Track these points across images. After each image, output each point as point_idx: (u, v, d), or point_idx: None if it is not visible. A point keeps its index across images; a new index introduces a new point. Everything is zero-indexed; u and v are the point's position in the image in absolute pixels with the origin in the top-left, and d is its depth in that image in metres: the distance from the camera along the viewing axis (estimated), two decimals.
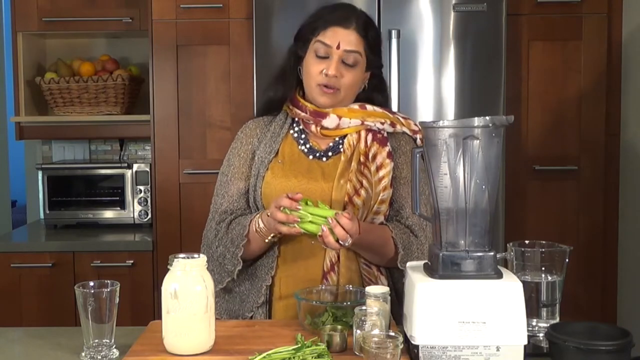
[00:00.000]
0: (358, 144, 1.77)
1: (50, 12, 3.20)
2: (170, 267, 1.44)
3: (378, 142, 1.78)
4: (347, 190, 1.73)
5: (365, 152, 1.77)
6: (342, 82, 1.75)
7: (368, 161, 1.76)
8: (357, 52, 1.75)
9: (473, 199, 1.38)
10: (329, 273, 1.72)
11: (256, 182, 1.78)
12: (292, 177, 1.76)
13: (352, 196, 1.72)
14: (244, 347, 1.44)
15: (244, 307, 1.77)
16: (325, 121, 1.78)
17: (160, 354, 1.43)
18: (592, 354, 1.28)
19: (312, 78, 1.76)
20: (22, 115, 3.27)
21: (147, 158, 3.53)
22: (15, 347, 1.63)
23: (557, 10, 2.89)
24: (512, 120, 1.39)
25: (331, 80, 1.73)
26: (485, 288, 1.34)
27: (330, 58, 1.74)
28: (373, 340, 1.32)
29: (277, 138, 1.82)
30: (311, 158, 1.80)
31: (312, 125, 1.80)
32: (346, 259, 1.74)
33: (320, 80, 1.74)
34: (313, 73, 1.75)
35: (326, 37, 1.74)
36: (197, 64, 2.99)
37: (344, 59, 1.74)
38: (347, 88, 1.76)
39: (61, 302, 2.96)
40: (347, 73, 1.75)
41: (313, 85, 1.76)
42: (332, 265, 1.72)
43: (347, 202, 1.72)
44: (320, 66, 1.74)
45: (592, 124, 2.92)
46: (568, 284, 1.52)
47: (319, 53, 1.75)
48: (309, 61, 1.77)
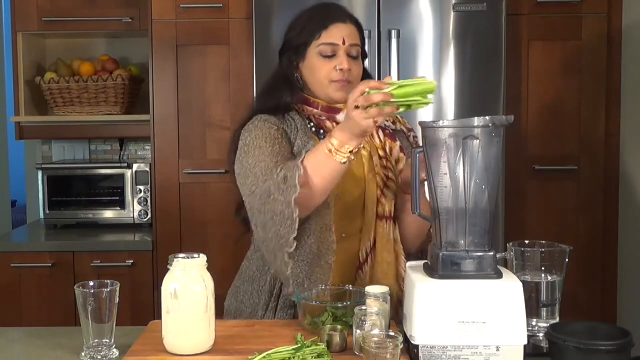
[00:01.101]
0: (372, 140, 1.81)
1: (50, 12, 3.20)
2: (170, 267, 1.44)
3: (389, 137, 1.83)
4: (378, 184, 1.76)
5: (382, 146, 1.81)
6: (353, 75, 1.77)
7: (388, 155, 1.81)
8: (358, 45, 1.79)
9: (473, 199, 1.38)
10: (364, 264, 1.74)
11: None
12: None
13: (384, 189, 1.77)
14: (244, 347, 1.44)
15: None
16: (339, 116, 1.78)
17: (160, 354, 1.43)
18: (592, 354, 1.28)
19: (325, 77, 1.76)
20: (22, 115, 3.27)
21: (147, 158, 3.53)
22: (15, 347, 1.63)
23: (557, 10, 2.89)
24: (512, 120, 1.40)
25: (345, 74, 1.75)
26: (485, 288, 1.34)
27: (337, 55, 1.75)
28: (373, 340, 1.32)
29: (308, 132, 1.77)
30: None
31: (327, 122, 1.80)
32: (384, 250, 1.75)
33: (335, 76, 1.75)
34: (325, 72, 1.75)
35: (330, 37, 1.75)
36: (197, 64, 2.99)
37: (349, 53, 1.76)
38: (357, 80, 1.78)
39: (61, 302, 2.96)
40: (354, 66, 1.77)
41: (326, 84, 1.76)
42: (367, 257, 1.74)
43: (380, 194, 1.76)
44: (330, 65, 1.75)
45: (592, 124, 2.92)
46: (568, 284, 1.52)
47: (325, 54, 1.75)
48: (315, 64, 1.77)
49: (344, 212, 1.75)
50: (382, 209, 1.76)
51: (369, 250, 1.75)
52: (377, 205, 1.76)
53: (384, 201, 1.76)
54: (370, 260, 1.75)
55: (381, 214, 1.76)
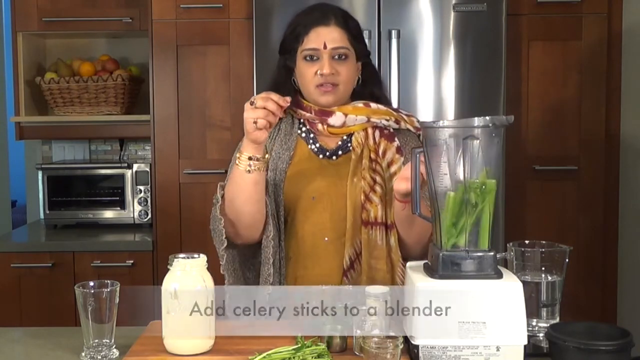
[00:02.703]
0: (366, 141, 1.78)
1: (50, 12, 3.20)
2: (170, 267, 1.44)
3: (386, 138, 1.79)
4: (363, 188, 1.73)
5: (375, 148, 1.77)
6: (340, 78, 1.76)
7: (379, 157, 1.77)
8: (344, 47, 1.75)
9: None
10: (349, 271, 1.72)
11: (276, 176, 1.77)
12: (307, 174, 1.77)
13: (369, 194, 1.73)
14: (244, 347, 1.44)
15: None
16: (331, 119, 1.78)
17: (160, 354, 1.43)
18: (592, 354, 1.28)
19: (309, 82, 1.77)
20: (22, 115, 3.27)
21: (147, 158, 3.53)
22: (15, 347, 1.63)
23: (557, 10, 2.89)
24: (512, 120, 1.39)
25: (328, 78, 1.74)
26: (485, 288, 1.34)
27: (320, 59, 1.74)
28: (373, 340, 1.32)
29: (290, 137, 1.81)
30: (321, 157, 1.81)
31: (319, 125, 1.80)
32: (370, 257, 1.72)
33: (317, 81, 1.75)
34: (308, 77, 1.76)
35: (310, 42, 1.75)
36: (197, 64, 2.99)
37: (334, 56, 1.75)
38: (345, 82, 1.77)
39: (61, 302, 2.95)
40: (341, 68, 1.75)
41: (312, 89, 1.77)
42: (351, 263, 1.72)
43: (364, 199, 1.72)
44: (313, 69, 1.75)
45: (592, 124, 2.92)
46: (568, 284, 1.52)
47: (308, 59, 1.76)
48: (302, 68, 1.78)
49: (325, 215, 1.74)
50: (367, 215, 1.72)
51: (354, 257, 1.72)
52: (362, 210, 1.73)
53: (369, 206, 1.72)
54: (358, 266, 1.72)
55: (366, 220, 1.72)
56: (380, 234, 1.72)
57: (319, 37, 1.74)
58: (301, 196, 1.75)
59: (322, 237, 1.74)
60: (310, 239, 1.75)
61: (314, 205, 1.75)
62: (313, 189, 1.75)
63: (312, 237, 1.75)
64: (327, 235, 1.74)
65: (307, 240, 1.75)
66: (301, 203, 1.75)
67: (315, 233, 1.74)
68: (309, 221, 1.75)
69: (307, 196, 1.75)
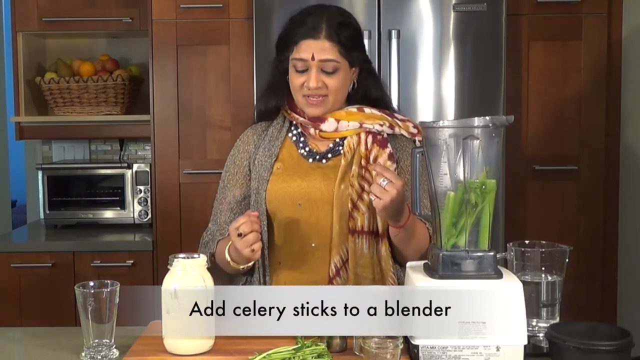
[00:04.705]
0: (358, 147, 1.75)
1: (50, 12, 3.20)
2: (170, 267, 1.44)
3: (378, 144, 1.76)
4: (350, 196, 1.71)
5: (366, 155, 1.74)
6: (330, 89, 1.74)
7: (369, 164, 1.74)
8: (333, 60, 1.72)
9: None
10: (334, 279, 1.71)
11: (259, 185, 1.78)
12: (291, 181, 1.76)
13: (356, 201, 1.71)
14: (244, 347, 1.44)
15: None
16: (323, 125, 1.77)
17: (160, 354, 1.44)
18: (592, 354, 1.28)
19: (297, 91, 1.76)
20: (22, 115, 3.26)
21: (147, 158, 3.53)
22: (15, 347, 1.63)
23: (557, 10, 2.89)
24: (512, 120, 1.39)
25: (314, 91, 1.73)
26: (485, 288, 1.34)
27: (309, 70, 1.73)
28: (373, 340, 1.32)
29: (276, 142, 1.81)
30: (311, 161, 1.80)
31: (311, 129, 1.79)
32: (357, 265, 1.71)
33: (305, 92, 1.74)
34: (296, 86, 1.76)
35: (300, 52, 1.73)
36: (197, 64, 2.99)
37: (323, 68, 1.72)
38: (335, 92, 1.75)
39: (61, 302, 2.95)
40: (329, 80, 1.73)
41: (300, 98, 1.77)
42: (337, 271, 1.71)
43: (352, 207, 1.71)
44: (301, 79, 1.74)
45: (592, 124, 2.92)
46: (568, 284, 1.52)
47: (297, 68, 1.74)
48: (291, 76, 1.77)
49: (311, 221, 1.74)
50: (354, 223, 1.70)
51: (340, 265, 1.71)
52: (349, 218, 1.71)
53: (356, 215, 1.70)
54: (344, 274, 1.71)
55: (353, 228, 1.71)
56: (367, 243, 1.71)
57: (307, 49, 1.72)
58: (287, 203, 1.75)
59: (310, 243, 1.74)
60: (298, 245, 1.75)
61: (300, 212, 1.74)
62: (299, 195, 1.74)
63: (300, 242, 1.75)
64: (313, 241, 1.74)
65: (294, 246, 1.76)
66: (288, 210, 1.75)
67: (303, 239, 1.74)
68: (296, 227, 1.75)
69: (293, 203, 1.75)
